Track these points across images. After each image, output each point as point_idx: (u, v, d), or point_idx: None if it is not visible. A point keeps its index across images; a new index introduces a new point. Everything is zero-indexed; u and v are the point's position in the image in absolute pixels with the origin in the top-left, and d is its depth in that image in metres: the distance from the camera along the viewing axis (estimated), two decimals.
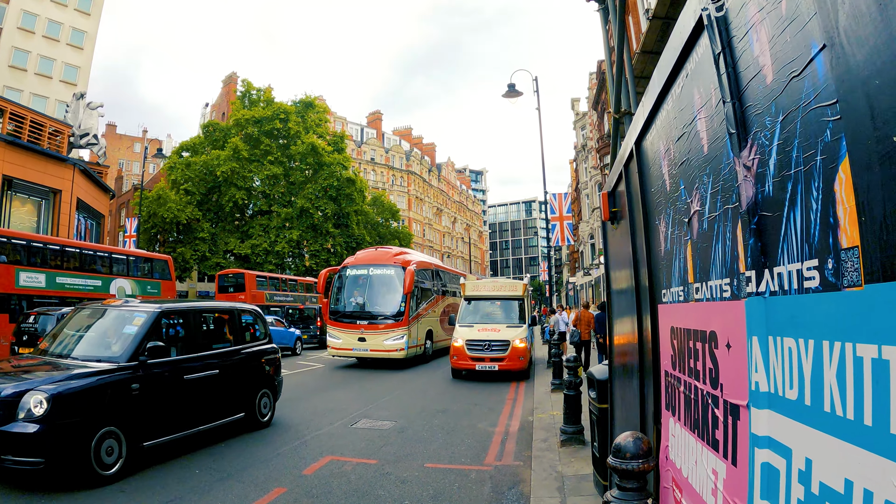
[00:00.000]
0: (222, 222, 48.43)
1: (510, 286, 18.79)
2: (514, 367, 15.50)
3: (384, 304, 19.10)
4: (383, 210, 59.47)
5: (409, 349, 18.74)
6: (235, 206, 47.85)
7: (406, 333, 18.53)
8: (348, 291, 19.84)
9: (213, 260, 44.23)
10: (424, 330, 20.69)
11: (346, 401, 12.44)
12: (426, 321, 21.06)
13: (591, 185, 47.21)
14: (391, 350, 18.33)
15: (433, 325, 21.97)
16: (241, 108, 50.89)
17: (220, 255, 45.33)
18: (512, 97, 24.11)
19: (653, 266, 2.89)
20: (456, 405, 11.83)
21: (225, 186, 46.56)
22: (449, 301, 24.66)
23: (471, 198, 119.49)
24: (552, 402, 10.94)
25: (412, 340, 19.10)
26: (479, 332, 16.16)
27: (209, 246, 45.47)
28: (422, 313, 20.37)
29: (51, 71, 53.48)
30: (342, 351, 19.08)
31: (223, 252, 45.68)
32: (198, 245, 45.02)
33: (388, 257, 20.64)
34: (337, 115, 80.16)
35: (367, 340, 18.58)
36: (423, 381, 15.96)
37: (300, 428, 9.70)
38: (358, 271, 20.07)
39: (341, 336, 19.03)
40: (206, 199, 47.41)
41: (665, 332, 2.69)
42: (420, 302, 20.19)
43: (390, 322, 18.60)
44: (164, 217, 43.53)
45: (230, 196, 46.03)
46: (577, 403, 7.47)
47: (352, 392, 13.73)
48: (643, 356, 3.21)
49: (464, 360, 15.81)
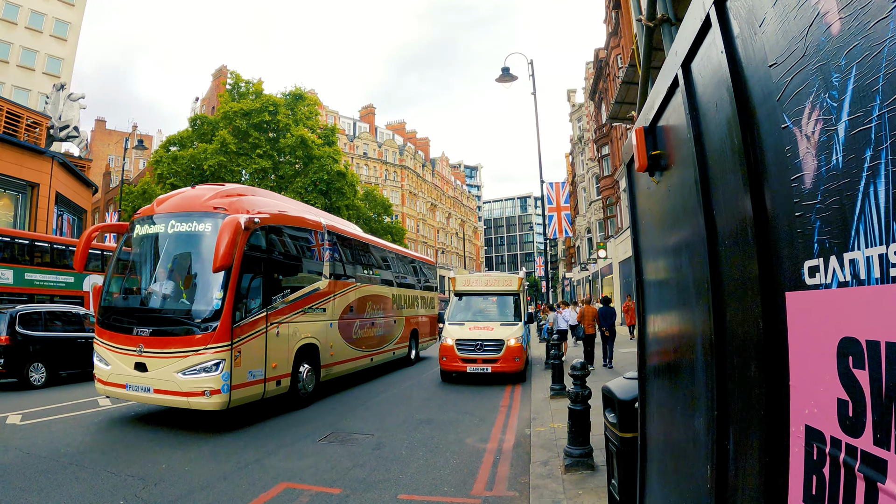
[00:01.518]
0: None
1: (504, 280, 17.22)
2: (509, 369, 14.10)
3: (179, 295, 9.67)
4: (375, 205, 58.21)
5: (239, 389, 9.25)
6: None
7: (226, 357, 8.96)
8: (128, 268, 10.62)
9: None
10: (286, 349, 10.80)
11: (318, 409, 11.06)
12: (301, 328, 11.43)
13: (588, 178, 45.88)
14: (192, 393, 8.83)
15: (324, 336, 12.47)
16: (229, 100, 49.46)
17: None
18: (506, 81, 22.76)
19: (778, 214, 1.53)
20: (443, 414, 10.44)
21: (213, 181, 45.17)
22: (372, 292, 15.96)
23: (465, 193, 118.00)
24: (552, 412, 9.57)
25: (248, 370, 9.49)
26: (471, 330, 14.74)
27: None
28: (281, 315, 10.57)
29: (33, 63, 52.39)
30: (112, 389, 9.59)
31: None
32: None
33: (200, 202, 10.09)
34: (329, 108, 78.73)
35: (148, 369, 9.15)
36: (408, 384, 14.56)
37: (258, 443, 8.33)
38: (149, 228, 10.22)
39: (111, 358, 9.59)
40: None
41: (813, 346, 1.33)
42: (274, 291, 10.42)
43: (192, 333, 9.03)
44: None
45: None
46: (584, 420, 6.08)
47: (326, 399, 12.35)
48: (729, 388, 1.85)
49: (453, 361, 14.39)
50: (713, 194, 1.95)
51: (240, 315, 9.41)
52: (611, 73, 33.07)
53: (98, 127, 77.86)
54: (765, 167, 1.56)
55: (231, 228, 8.65)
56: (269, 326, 10.17)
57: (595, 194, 43.81)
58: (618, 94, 16.27)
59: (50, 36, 54.04)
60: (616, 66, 30.89)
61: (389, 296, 17.47)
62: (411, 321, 19.71)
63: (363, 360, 14.95)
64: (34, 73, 51.39)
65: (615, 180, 36.23)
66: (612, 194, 37.63)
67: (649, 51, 4.12)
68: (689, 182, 2.18)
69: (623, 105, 16.81)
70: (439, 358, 14.88)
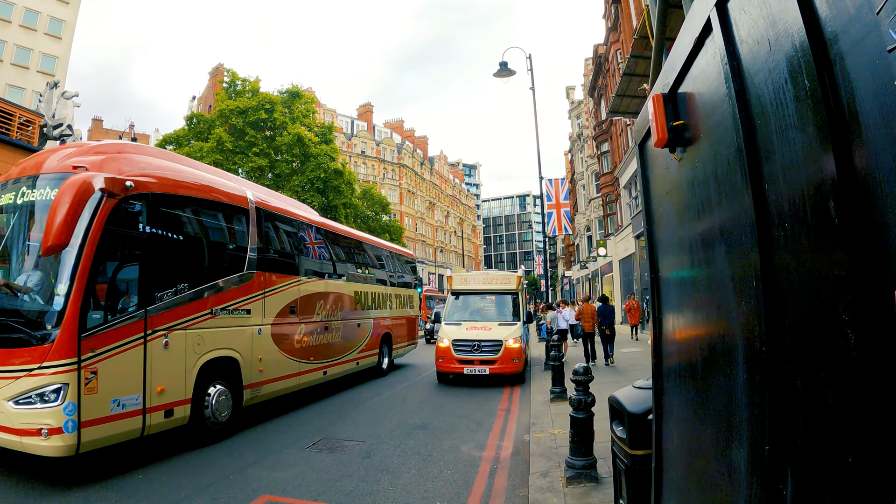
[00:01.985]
0: None
1: (502, 279, 16.64)
2: (508, 371, 13.63)
3: (14, 289, 6.80)
4: (373, 203, 57.82)
5: (97, 426, 6.50)
6: None
7: (69, 381, 6.21)
8: None
9: None
10: (181, 366, 7.93)
11: (311, 413, 10.62)
12: (209, 337, 8.51)
13: (588, 176, 45.42)
14: (26, 431, 6.14)
15: (248, 347, 9.53)
16: (225, 98, 49.06)
17: None
18: (504, 76, 22.32)
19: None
20: (438, 419, 9.98)
21: None
22: (324, 289, 12.74)
23: (464, 192, 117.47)
24: (552, 417, 9.12)
25: (111, 399, 6.72)
26: (468, 330, 14.24)
27: None
28: (172, 318, 7.77)
29: (28, 61, 52.12)
30: None
31: None
32: None
33: (57, 161, 7.27)
34: (326, 107, 78.33)
35: None
36: (404, 386, 14.12)
37: (244, 449, 7.89)
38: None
39: None
40: None
41: None
42: (161, 285, 7.69)
43: (27, 344, 6.35)
44: None
45: None
46: (587, 429, 5.63)
47: (320, 401, 11.91)
48: (788, 416, 1.41)
49: (450, 362, 13.93)
50: (764, 163, 1.50)
51: (98, 319, 6.58)
52: (610, 68, 32.62)
53: (95, 126, 77.42)
54: (855, 114, 1.11)
55: (72, 193, 6.16)
56: (151, 335, 7.29)
57: (594, 192, 43.35)
58: (619, 87, 15.87)
59: (44, 34, 53.76)
60: (616, 61, 30.44)
61: (350, 294, 14.11)
62: (382, 324, 16.32)
63: (311, 374, 11.80)
64: (28, 72, 51.07)
65: (615, 177, 35.79)
66: (612, 191, 37.18)
67: (664, 16, 3.66)
68: (726, 153, 1.74)
69: (624, 98, 16.39)
70: (435, 359, 14.39)
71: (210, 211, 9.14)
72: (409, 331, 19.55)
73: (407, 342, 19.25)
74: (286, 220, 11.65)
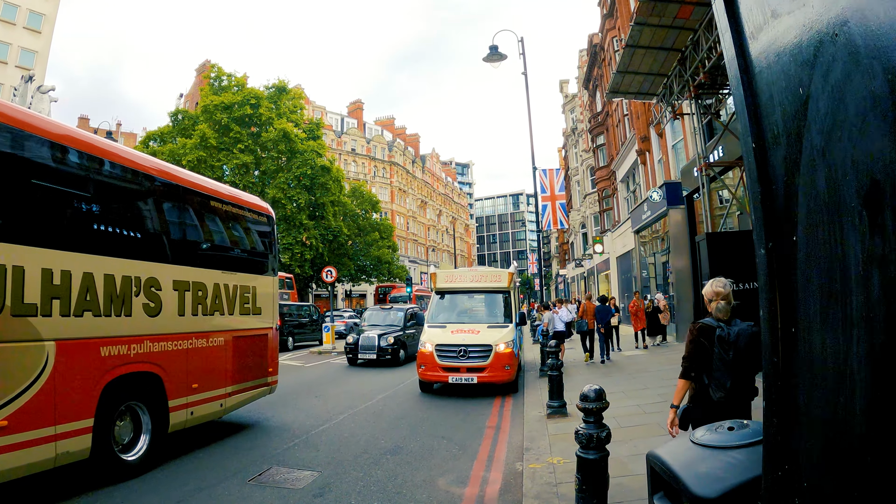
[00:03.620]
0: None
1: (493, 276, 14.75)
2: (498, 379, 12.08)
3: None
4: (363, 201, 56.32)
5: None
6: None
7: None
8: None
9: None
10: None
11: (266, 430, 9.11)
12: None
13: (583, 171, 44.02)
14: None
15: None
16: (210, 94, 47.55)
17: None
18: (494, 61, 20.88)
19: None
20: (414, 440, 8.45)
21: None
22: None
23: (457, 190, 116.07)
24: (550, 439, 7.62)
25: None
26: (453, 334, 12.63)
27: None
28: None
29: (6, 56, 50.80)
30: None
31: None
32: None
33: None
34: (316, 104, 76.92)
35: None
36: (382, 397, 12.50)
37: (176, 480, 6.41)
38: None
39: None
40: None
41: None
42: None
43: None
44: None
45: None
46: (600, 475, 4.10)
47: (284, 414, 10.41)
48: None
49: (433, 370, 12.31)
50: None
51: None
52: (606, 57, 31.21)
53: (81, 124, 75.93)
54: None
55: None
56: None
57: (590, 187, 41.91)
58: (620, 62, 14.39)
59: (23, 28, 52.37)
60: (612, 49, 29.02)
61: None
62: (125, 357, 6.69)
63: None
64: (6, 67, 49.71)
65: (611, 171, 34.36)
66: (609, 186, 35.75)
67: None
68: None
69: (626, 75, 14.94)
70: (417, 367, 12.80)
71: None
72: (248, 363, 9.35)
73: (250, 383, 9.39)
74: None
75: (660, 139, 22.61)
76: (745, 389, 4.05)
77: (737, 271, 11.55)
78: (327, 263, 48.03)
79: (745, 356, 3.94)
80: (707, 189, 12.69)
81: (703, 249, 11.75)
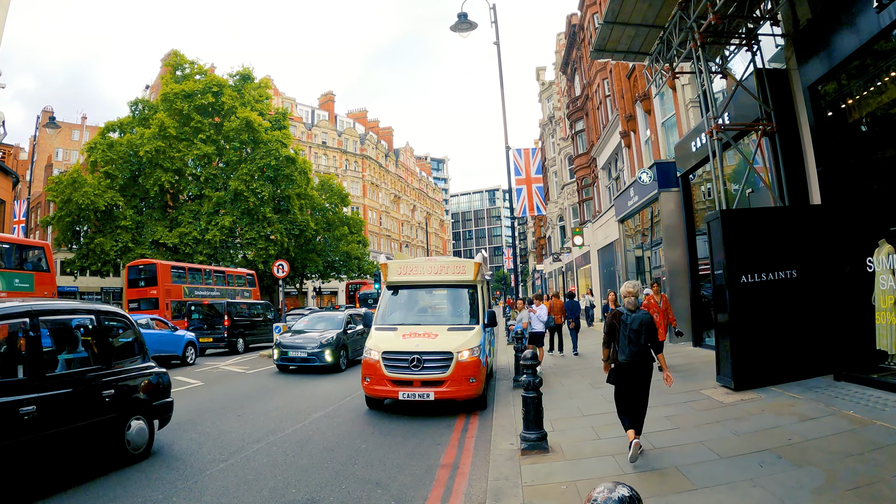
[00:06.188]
0: (149, 209, 42.64)
1: (456, 266, 11.76)
2: (461, 395, 9.71)
3: None
4: (332, 195, 53.93)
5: None
6: (162, 190, 42.10)
7: None
8: None
9: (136, 251, 38.13)
10: None
11: (151, 467, 6.87)
12: None
13: (560, 160, 42.10)
14: None
15: None
16: (170, 82, 44.92)
17: (145, 245, 39.38)
18: (463, 30, 18.96)
19: None
20: (337, 488, 6.16)
21: (150, 168, 40.83)
22: None
23: (431, 185, 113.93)
24: (524, 492, 5.45)
25: None
26: (405, 339, 10.21)
27: (133, 236, 39.53)
28: None
29: None
30: None
31: (149, 243, 39.70)
32: (119, 235, 38.87)
33: None
34: (286, 95, 74.27)
35: None
36: (319, 414, 10.17)
37: None
38: None
39: None
40: (131, 184, 41.68)
41: None
42: None
43: None
44: (78, 203, 37.37)
45: (155, 179, 40.35)
46: None
47: (188, 440, 8.15)
48: None
49: (380, 383, 9.86)
50: None
51: None
52: (585, 37, 29.30)
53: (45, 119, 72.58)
54: None
55: None
56: None
57: (568, 177, 39.96)
58: (608, 9, 12.23)
59: None
60: (592, 25, 27.01)
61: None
62: None
63: None
64: None
65: (591, 157, 32.43)
66: (588, 174, 33.80)
67: None
68: None
69: (615, 27, 12.76)
70: (362, 379, 10.27)
71: None
72: None
73: None
74: None
75: (647, 116, 20.60)
76: (642, 355, 6.18)
77: (765, 258, 9.34)
78: (293, 259, 45.63)
79: (636, 333, 6.13)
80: (720, 157, 10.41)
81: (715, 230, 9.54)
